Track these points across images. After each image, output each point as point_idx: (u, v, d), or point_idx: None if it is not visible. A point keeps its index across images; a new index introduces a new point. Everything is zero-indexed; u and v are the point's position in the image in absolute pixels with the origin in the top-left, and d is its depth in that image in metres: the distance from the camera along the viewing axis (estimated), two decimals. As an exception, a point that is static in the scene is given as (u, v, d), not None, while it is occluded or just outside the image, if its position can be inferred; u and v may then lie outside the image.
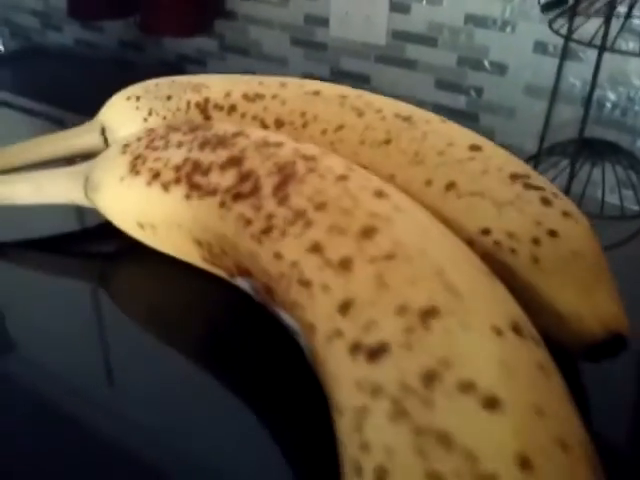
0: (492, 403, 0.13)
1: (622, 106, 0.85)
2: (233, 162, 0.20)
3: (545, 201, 0.20)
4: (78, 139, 0.28)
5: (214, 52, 0.99)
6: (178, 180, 0.21)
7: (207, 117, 0.26)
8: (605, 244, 0.28)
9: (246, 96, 0.26)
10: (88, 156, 0.29)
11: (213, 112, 0.26)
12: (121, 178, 0.22)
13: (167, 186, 0.21)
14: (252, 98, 0.26)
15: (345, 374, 0.15)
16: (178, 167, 0.21)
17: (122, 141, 0.23)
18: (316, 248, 0.18)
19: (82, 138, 0.28)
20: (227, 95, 0.26)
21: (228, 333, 0.22)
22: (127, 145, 0.23)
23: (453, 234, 0.18)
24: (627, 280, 0.25)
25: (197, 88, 0.27)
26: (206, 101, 0.26)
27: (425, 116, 0.24)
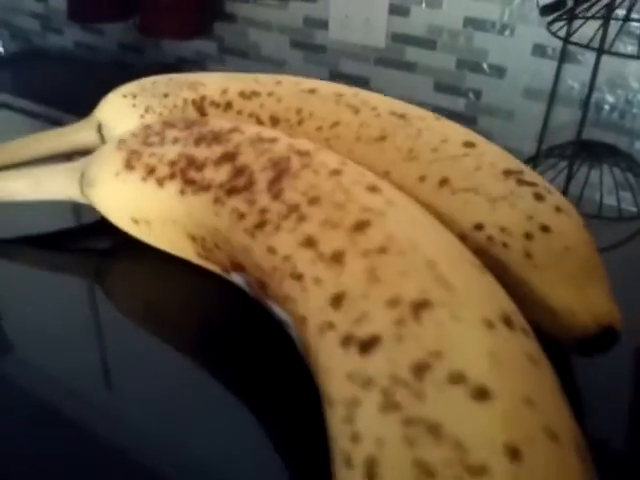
0: (482, 394, 0.13)
1: (620, 109, 0.85)
2: (228, 157, 0.20)
3: (538, 196, 0.20)
4: (75, 136, 0.29)
5: (213, 54, 0.99)
6: (173, 175, 0.21)
7: (203, 114, 0.26)
8: (603, 245, 0.28)
9: (242, 93, 0.26)
10: (86, 152, 0.29)
11: (209, 109, 0.26)
12: (116, 173, 0.22)
13: (162, 181, 0.21)
14: (248, 95, 0.26)
15: (336, 366, 0.15)
16: (173, 162, 0.21)
17: (118, 137, 0.23)
18: (309, 242, 0.18)
19: (79, 135, 0.29)
20: (223, 92, 0.26)
21: (222, 328, 0.22)
22: (123, 141, 0.23)
23: (446, 229, 0.18)
24: (625, 281, 0.25)
25: (193, 86, 0.27)
26: (202, 98, 0.26)
27: (420, 113, 0.24)
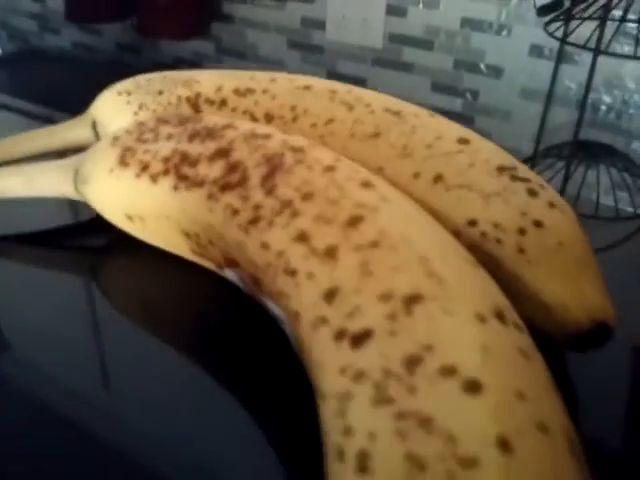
0: (473, 387, 0.13)
1: (617, 109, 0.85)
2: (221, 153, 0.20)
3: (531, 192, 0.20)
4: (69, 133, 0.28)
5: (211, 55, 0.99)
6: (166, 172, 0.21)
7: (198, 112, 0.26)
8: (600, 245, 0.28)
9: (237, 91, 0.26)
10: (80, 150, 0.29)
11: (204, 107, 0.26)
12: (110, 170, 0.22)
13: (155, 178, 0.21)
14: (243, 93, 0.26)
15: (329, 360, 0.15)
16: (167, 159, 0.21)
17: (112, 134, 0.23)
18: (302, 237, 0.18)
19: (73, 132, 0.29)
20: (218, 90, 0.26)
21: (217, 325, 0.22)
22: (117, 138, 0.23)
23: (440, 225, 0.18)
24: (622, 281, 0.25)
25: (188, 83, 0.27)
26: (197, 96, 0.26)
27: (414, 110, 0.24)
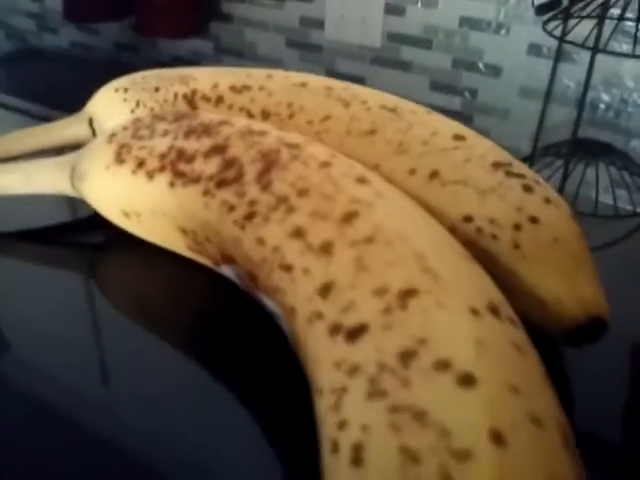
0: (467, 381, 0.13)
1: (616, 107, 0.85)
2: (217, 150, 0.20)
3: (527, 188, 0.20)
4: (67, 130, 0.29)
5: (209, 54, 0.99)
6: (163, 168, 0.21)
7: (194, 108, 0.26)
8: (599, 243, 0.28)
9: (233, 88, 0.26)
10: (77, 147, 0.29)
11: (200, 103, 0.26)
12: (106, 167, 0.22)
13: (152, 174, 0.21)
14: (239, 90, 0.26)
15: (324, 355, 0.15)
16: (163, 155, 0.21)
17: (109, 131, 0.23)
18: (298, 233, 0.18)
19: (70, 129, 0.29)
20: (214, 87, 0.26)
21: (214, 321, 0.22)
22: (113, 135, 0.23)
23: (435, 220, 0.18)
24: (621, 279, 0.25)
25: (184, 80, 0.27)
26: (193, 93, 0.26)
27: (411, 107, 0.24)
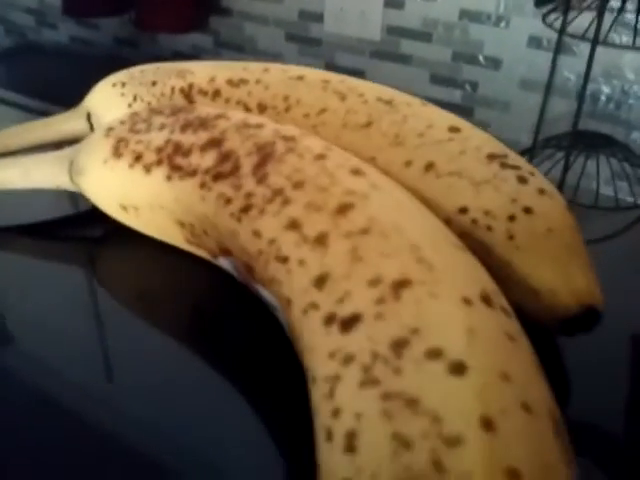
0: (459, 369, 0.13)
1: (616, 99, 0.85)
2: (214, 143, 0.21)
3: (521, 179, 0.20)
4: (64, 125, 0.29)
5: (209, 48, 0.99)
6: (159, 162, 0.21)
7: (191, 102, 0.27)
8: (599, 235, 0.28)
9: (230, 81, 0.26)
10: (75, 141, 0.29)
11: (197, 97, 0.26)
12: (104, 161, 0.22)
13: (149, 168, 0.21)
14: (236, 83, 0.26)
15: (319, 345, 0.15)
16: (160, 149, 0.21)
17: (106, 125, 0.24)
18: (293, 225, 0.18)
19: (68, 124, 0.29)
20: (211, 80, 0.26)
21: (212, 314, 0.22)
22: (110, 129, 0.23)
23: (430, 211, 0.18)
24: (622, 271, 0.25)
25: (182, 74, 0.27)
26: (190, 87, 0.27)
27: (406, 99, 0.24)
